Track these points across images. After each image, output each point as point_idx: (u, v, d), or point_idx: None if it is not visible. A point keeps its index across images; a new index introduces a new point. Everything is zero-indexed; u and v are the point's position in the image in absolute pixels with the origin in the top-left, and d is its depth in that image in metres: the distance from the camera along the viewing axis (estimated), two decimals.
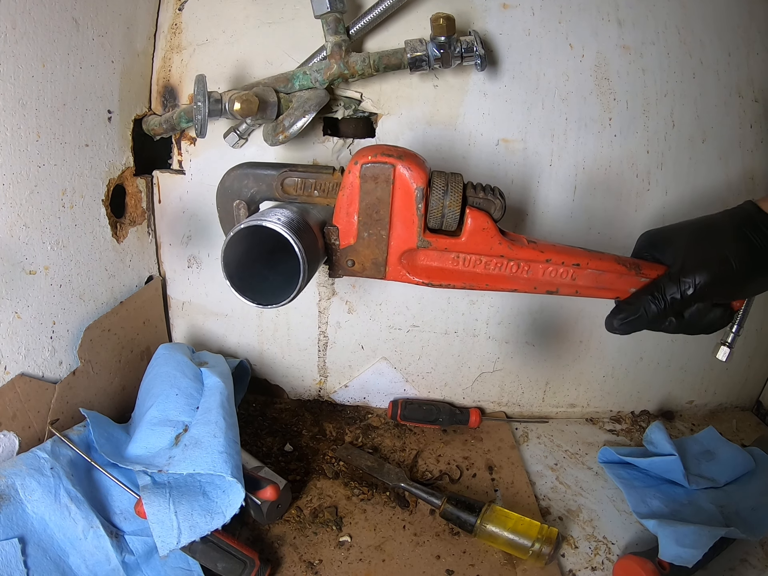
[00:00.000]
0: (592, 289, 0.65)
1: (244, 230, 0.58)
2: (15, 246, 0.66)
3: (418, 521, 0.80)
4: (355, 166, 0.60)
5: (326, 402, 1.04)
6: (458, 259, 0.63)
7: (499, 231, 0.62)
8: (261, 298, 0.60)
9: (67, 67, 0.70)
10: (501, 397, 1.04)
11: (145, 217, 0.91)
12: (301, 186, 0.64)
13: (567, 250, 0.64)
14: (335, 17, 0.74)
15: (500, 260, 0.63)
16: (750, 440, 0.96)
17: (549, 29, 0.84)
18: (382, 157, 0.60)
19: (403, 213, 0.61)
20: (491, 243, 0.62)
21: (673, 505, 0.80)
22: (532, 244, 0.63)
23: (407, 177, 0.60)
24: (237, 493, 0.65)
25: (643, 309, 0.60)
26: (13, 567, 0.58)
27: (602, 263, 0.63)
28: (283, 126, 0.76)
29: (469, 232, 0.62)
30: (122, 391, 0.87)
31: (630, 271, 0.63)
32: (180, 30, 0.85)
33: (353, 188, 0.61)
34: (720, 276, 0.57)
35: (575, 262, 0.63)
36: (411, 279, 0.65)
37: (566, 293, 0.65)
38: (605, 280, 0.64)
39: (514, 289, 0.65)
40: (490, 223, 0.61)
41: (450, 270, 0.64)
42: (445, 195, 0.60)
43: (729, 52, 0.86)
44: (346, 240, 0.64)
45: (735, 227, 0.58)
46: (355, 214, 0.62)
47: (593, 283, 0.64)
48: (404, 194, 0.61)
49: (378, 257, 0.64)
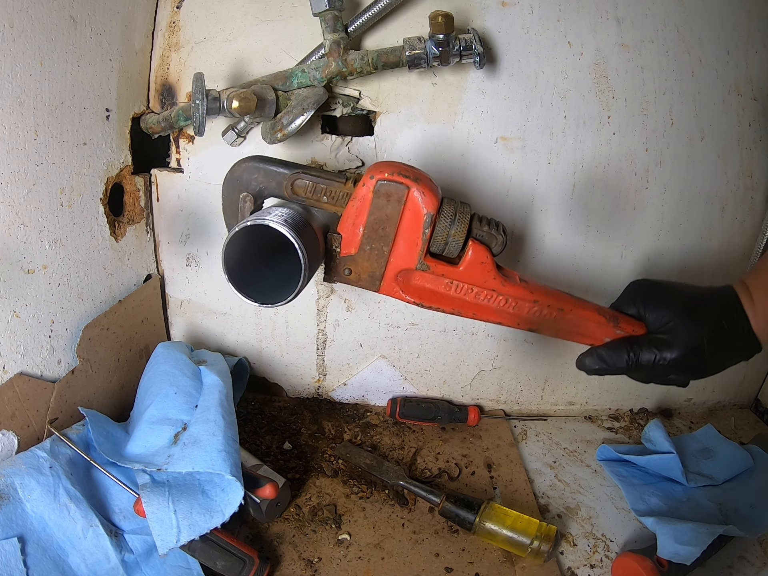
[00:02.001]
0: (570, 333, 0.67)
1: (246, 229, 0.58)
2: (13, 245, 0.66)
3: (417, 519, 0.80)
4: (370, 180, 0.61)
5: (325, 400, 1.04)
6: (451, 285, 0.65)
7: (496, 266, 0.64)
8: (260, 297, 0.60)
9: (65, 66, 0.70)
10: (500, 395, 1.04)
11: (143, 216, 0.91)
12: (311, 189, 0.64)
13: (554, 294, 0.66)
14: (333, 15, 0.74)
15: (491, 293, 0.65)
16: (748, 438, 0.96)
17: (548, 27, 0.83)
18: (398, 176, 0.60)
19: (408, 234, 0.62)
20: (486, 277, 0.64)
21: (672, 503, 0.80)
22: (523, 283, 0.65)
23: (419, 201, 0.61)
24: (236, 491, 0.65)
25: (615, 361, 0.63)
26: (13, 566, 0.58)
27: (584, 312, 0.66)
28: (282, 124, 0.76)
29: (468, 263, 0.63)
30: (121, 390, 0.87)
31: (609, 322, 0.66)
32: (178, 28, 0.85)
33: (364, 201, 0.62)
34: (693, 361, 0.60)
35: (560, 307, 0.65)
36: (403, 297, 0.66)
37: (545, 333, 0.68)
38: (584, 327, 0.66)
39: (499, 321, 0.67)
40: (488, 258, 0.63)
41: (442, 294, 0.66)
42: (452, 224, 0.62)
43: (728, 50, 0.86)
44: (347, 249, 0.64)
45: (718, 315, 0.60)
46: (361, 226, 0.63)
47: (572, 327, 0.67)
48: (413, 217, 0.61)
49: (375, 271, 0.65)
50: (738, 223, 0.94)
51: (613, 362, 0.63)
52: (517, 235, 0.91)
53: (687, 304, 0.62)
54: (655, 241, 0.93)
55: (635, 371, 0.64)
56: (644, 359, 0.61)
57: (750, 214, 0.94)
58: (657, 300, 0.65)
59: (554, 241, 0.92)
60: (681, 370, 0.62)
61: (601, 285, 0.95)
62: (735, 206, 0.93)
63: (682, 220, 0.92)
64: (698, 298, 0.63)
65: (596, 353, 0.65)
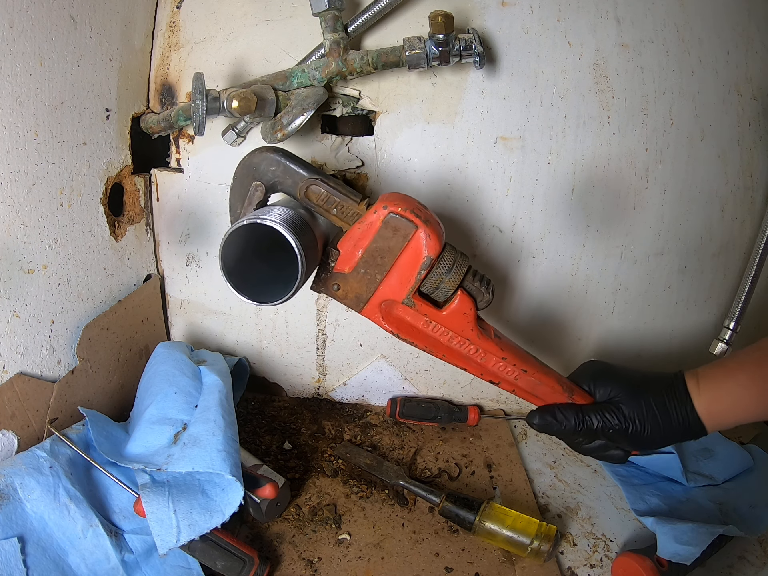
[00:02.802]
0: (526, 393, 0.70)
1: (242, 227, 0.58)
2: (13, 245, 0.66)
3: (417, 519, 0.80)
4: (382, 210, 0.62)
5: (325, 400, 1.04)
6: (429, 324, 0.67)
7: (476, 318, 0.66)
8: (258, 296, 0.60)
9: (65, 66, 0.70)
10: (500, 394, 1.03)
11: (143, 216, 0.91)
12: (324, 198, 0.64)
13: (522, 355, 0.69)
14: (333, 15, 0.74)
15: (464, 341, 0.68)
16: (748, 438, 0.96)
17: (547, 27, 0.83)
18: (410, 214, 0.62)
19: (404, 269, 0.64)
20: (465, 327, 0.66)
21: (672, 503, 0.80)
22: (496, 339, 0.68)
23: (423, 243, 0.62)
24: (236, 491, 0.65)
25: (564, 419, 0.67)
26: (13, 566, 0.58)
27: (545, 377, 0.69)
28: (282, 124, 0.76)
29: (452, 310, 0.66)
30: (121, 390, 0.87)
31: (564, 392, 0.69)
32: (178, 28, 0.85)
33: (371, 227, 0.63)
34: (633, 433, 0.65)
35: (524, 368, 0.69)
36: (382, 324, 0.68)
37: (504, 388, 0.71)
38: (540, 390, 0.70)
39: (464, 368, 0.70)
40: (472, 310, 0.66)
41: (419, 330, 0.68)
42: (448, 273, 0.64)
43: (728, 50, 0.86)
44: (342, 267, 0.65)
45: (659, 394, 0.65)
46: (362, 250, 0.64)
47: (530, 388, 0.70)
48: (414, 255, 0.63)
49: (363, 294, 0.66)
50: (738, 223, 0.94)
51: (563, 419, 0.67)
52: (517, 235, 0.91)
53: (632, 383, 0.67)
54: (655, 241, 0.93)
55: (581, 434, 0.68)
56: (592, 421, 0.66)
57: (750, 214, 0.94)
58: (606, 377, 0.70)
59: (554, 241, 0.92)
60: (624, 440, 0.66)
61: (601, 285, 0.95)
62: (735, 206, 0.93)
63: (682, 220, 0.92)
64: (645, 380, 0.68)
65: (549, 410, 0.69)
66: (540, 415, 0.69)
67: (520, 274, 0.94)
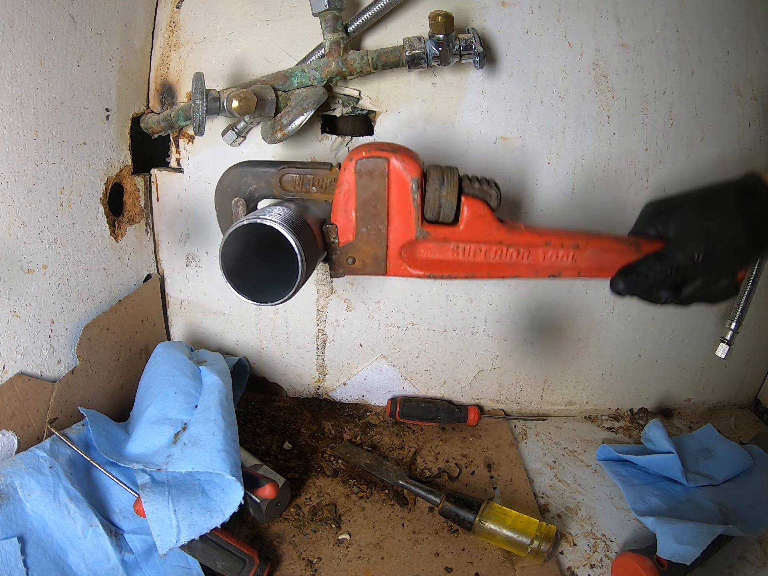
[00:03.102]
0: (593, 270, 0.64)
1: (242, 228, 0.58)
2: (13, 245, 0.66)
3: (417, 519, 0.80)
4: (350, 163, 0.61)
5: (325, 400, 1.05)
6: (458, 249, 0.64)
7: (497, 218, 0.63)
8: (259, 296, 0.60)
9: (65, 65, 0.70)
10: (499, 394, 1.04)
11: (143, 216, 0.91)
12: (299, 182, 0.65)
13: (565, 233, 0.64)
14: (333, 15, 0.74)
15: (499, 247, 0.63)
16: (748, 438, 0.96)
17: (547, 27, 0.83)
18: (376, 152, 0.61)
19: (400, 206, 0.62)
20: (489, 229, 0.62)
21: (672, 503, 0.80)
22: (530, 229, 0.63)
23: (401, 169, 0.61)
24: (236, 491, 0.65)
25: (648, 268, 0.60)
26: (13, 566, 0.58)
27: (601, 243, 0.63)
28: (282, 124, 0.76)
29: (467, 220, 0.62)
30: (121, 390, 0.87)
31: (630, 248, 0.63)
32: (178, 28, 0.85)
33: (350, 185, 0.62)
34: (720, 248, 0.58)
35: (574, 244, 0.63)
36: (412, 272, 0.65)
37: (568, 276, 0.65)
38: (606, 259, 0.64)
39: (516, 275, 0.65)
40: (486, 211, 0.62)
41: (450, 261, 0.64)
42: (442, 186, 0.61)
43: (727, 50, 0.86)
44: (345, 237, 0.64)
45: (737, 200, 0.59)
46: (353, 211, 0.62)
47: (594, 263, 0.64)
48: (400, 187, 0.61)
49: (378, 252, 0.64)
50: None
51: (646, 270, 0.60)
52: None
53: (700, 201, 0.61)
54: None
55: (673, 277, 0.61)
56: (677, 257, 0.59)
57: None
58: (669, 208, 0.63)
59: None
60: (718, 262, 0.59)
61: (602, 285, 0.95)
62: None
63: None
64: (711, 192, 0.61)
65: (627, 269, 0.62)
66: (622, 278, 0.62)
67: None
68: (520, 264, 0.64)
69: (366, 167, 0.61)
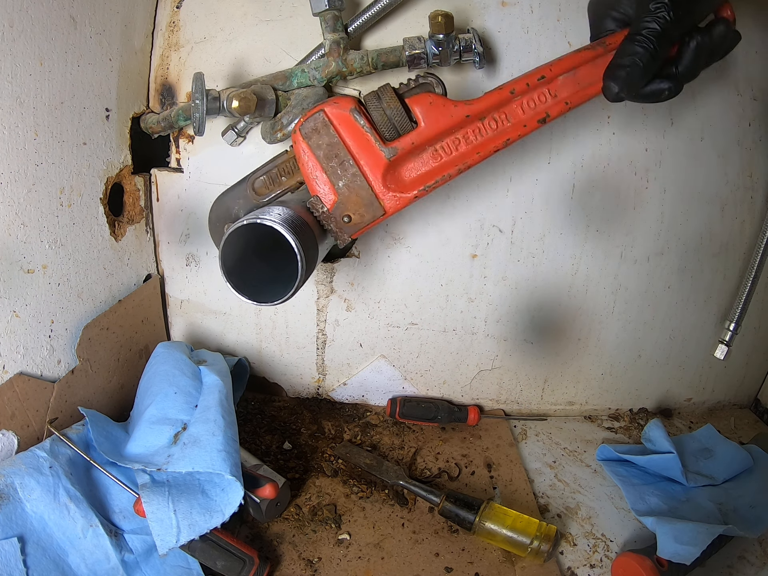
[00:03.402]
0: (578, 93, 0.62)
1: (242, 228, 0.58)
2: (13, 245, 0.66)
3: (417, 519, 0.80)
4: (296, 135, 0.63)
5: (325, 400, 1.04)
6: (438, 152, 0.64)
7: (450, 100, 0.62)
8: (259, 296, 0.60)
9: (65, 65, 0.70)
10: (499, 394, 1.04)
11: (143, 216, 0.91)
12: (269, 181, 0.67)
13: (526, 74, 0.62)
14: (333, 15, 0.74)
15: (473, 125, 0.62)
16: (748, 438, 0.96)
17: (547, 27, 0.83)
18: (311, 111, 0.63)
19: (356, 140, 0.63)
20: (447, 111, 0.62)
21: (672, 503, 0.80)
22: (489, 91, 0.62)
23: (337, 109, 0.62)
24: (236, 491, 0.65)
25: (633, 54, 0.55)
26: (13, 566, 0.57)
27: (565, 62, 0.61)
28: (282, 124, 0.76)
29: (422, 115, 0.62)
30: (121, 390, 0.87)
31: (597, 50, 0.60)
32: (178, 28, 0.85)
33: (306, 152, 0.63)
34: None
35: (539, 77, 0.61)
36: (408, 197, 0.65)
37: (558, 112, 0.62)
38: (583, 75, 0.61)
39: (506, 140, 0.63)
40: (433, 97, 0.62)
41: (437, 166, 0.64)
42: (380, 100, 0.62)
43: None
44: (329, 200, 0.65)
45: None
46: (322, 172, 0.64)
47: (574, 86, 0.62)
48: (346, 124, 0.63)
49: (365, 195, 0.64)
50: (738, 223, 0.94)
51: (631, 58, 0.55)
52: (516, 235, 0.91)
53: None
54: (655, 241, 0.93)
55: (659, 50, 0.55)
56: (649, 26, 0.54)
57: (750, 214, 0.93)
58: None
59: (554, 241, 0.92)
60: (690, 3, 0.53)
61: (601, 285, 0.95)
62: (735, 206, 0.93)
63: (682, 220, 0.92)
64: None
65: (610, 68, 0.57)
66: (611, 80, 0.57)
67: (520, 274, 0.94)
68: (503, 130, 0.63)
69: (309, 127, 0.63)
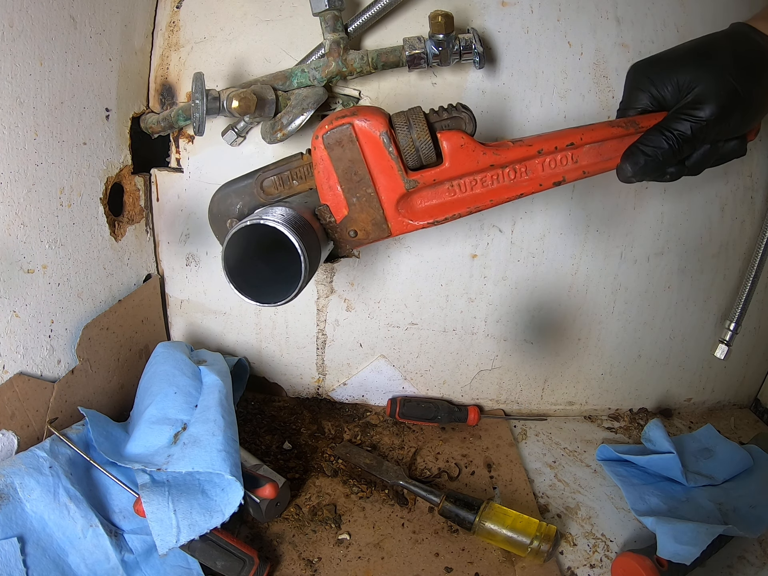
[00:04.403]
0: (597, 164, 0.62)
1: (245, 228, 0.58)
2: (13, 245, 0.66)
3: (417, 519, 0.80)
4: (317, 141, 0.61)
5: (325, 400, 1.04)
6: (453, 188, 0.63)
7: (479, 143, 0.61)
8: (261, 297, 0.60)
9: (65, 65, 0.70)
10: (499, 394, 1.04)
11: (143, 216, 0.91)
12: (279, 182, 0.66)
13: (556, 135, 0.62)
14: (333, 15, 0.74)
15: (493, 171, 0.61)
16: (748, 438, 0.96)
17: (547, 27, 0.83)
18: (337, 120, 0.60)
19: (379, 164, 0.61)
20: (475, 157, 0.61)
21: (672, 503, 0.80)
22: (518, 143, 0.61)
23: (367, 128, 0.60)
24: (236, 491, 0.65)
25: (652, 144, 0.56)
26: (13, 566, 0.58)
27: (596, 133, 0.61)
28: (281, 124, 0.76)
29: (450, 154, 0.61)
30: (121, 390, 0.87)
31: (628, 130, 0.60)
32: (178, 28, 0.85)
33: (324, 161, 0.61)
34: (729, 106, 0.54)
35: (569, 143, 0.61)
36: (416, 225, 0.64)
37: (573, 178, 0.62)
38: (607, 149, 0.61)
39: (520, 194, 0.63)
40: (466, 138, 0.60)
41: (449, 202, 0.63)
42: (410, 129, 0.60)
43: None
44: (339, 213, 0.64)
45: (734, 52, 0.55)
46: (337, 185, 0.62)
47: (596, 157, 0.62)
48: (372, 145, 0.60)
49: (375, 217, 0.63)
50: (738, 223, 0.94)
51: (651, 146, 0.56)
52: (516, 235, 0.91)
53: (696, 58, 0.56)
54: (655, 241, 0.93)
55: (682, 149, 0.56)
56: (681, 129, 0.55)
57: (750, 214, 0.94)
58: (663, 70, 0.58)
59: (554, 241, 0.92)
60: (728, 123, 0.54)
61: (601, 285, 0.95)
62: (735, 206, 0.93)
63: (682, 220, 0.92)
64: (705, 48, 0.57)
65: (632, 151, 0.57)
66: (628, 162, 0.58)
67: (520, 274, 0.94)
68: (520, 182, 0.62)
69: (333, 138, 0.60)
